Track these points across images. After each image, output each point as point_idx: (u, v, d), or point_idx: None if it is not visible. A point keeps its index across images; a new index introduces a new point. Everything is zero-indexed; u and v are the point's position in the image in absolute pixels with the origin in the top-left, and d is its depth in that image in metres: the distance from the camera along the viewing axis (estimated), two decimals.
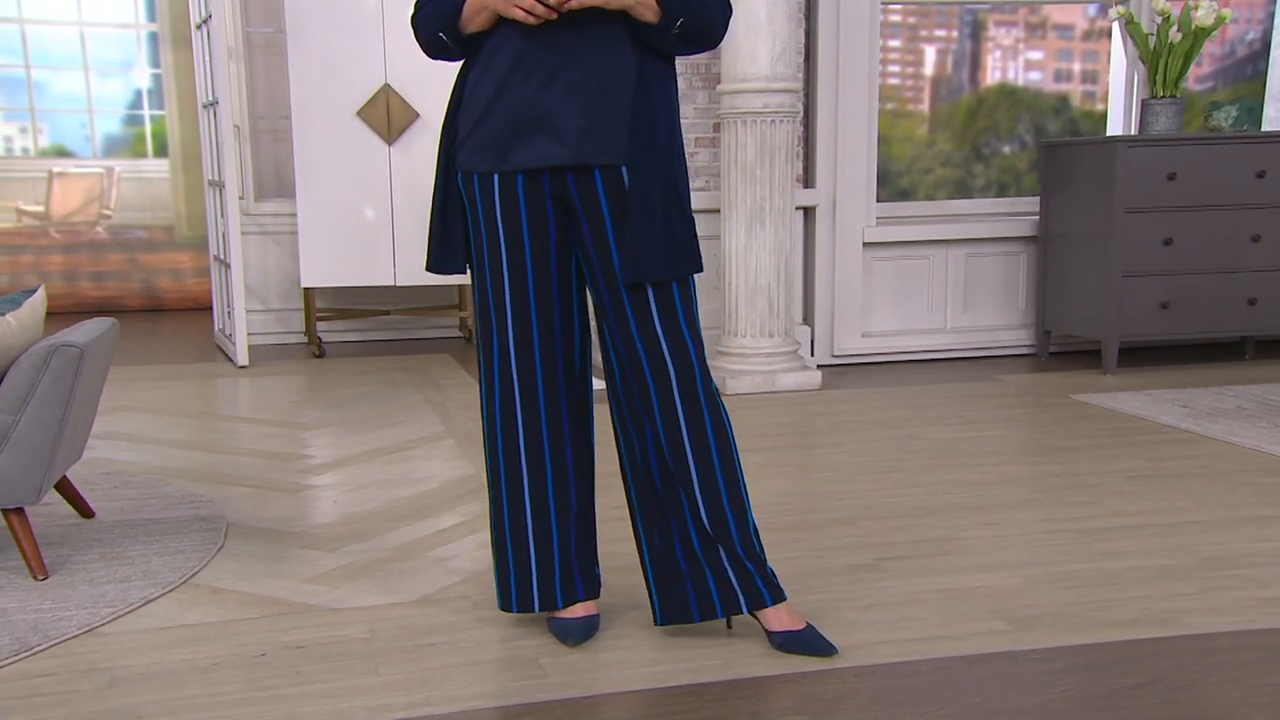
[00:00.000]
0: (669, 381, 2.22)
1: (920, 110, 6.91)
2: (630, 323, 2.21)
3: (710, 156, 5.33)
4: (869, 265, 5.65)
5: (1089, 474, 3.58)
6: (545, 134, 2.15)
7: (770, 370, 4.96)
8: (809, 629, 2.31)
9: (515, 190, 2.21)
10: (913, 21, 6.80)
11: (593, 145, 2.14)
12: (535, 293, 2.25)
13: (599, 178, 2.17)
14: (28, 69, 8.28)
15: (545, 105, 2.14)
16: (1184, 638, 2.34)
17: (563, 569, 2.38)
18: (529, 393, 2.29)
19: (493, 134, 2.19)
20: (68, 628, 2.42)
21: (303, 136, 5.75)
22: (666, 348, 2.20)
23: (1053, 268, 5.62)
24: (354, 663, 2.27)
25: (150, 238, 8.39)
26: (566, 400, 2.33)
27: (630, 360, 2.24)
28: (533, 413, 2.30)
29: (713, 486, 2.26)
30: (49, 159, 8.38)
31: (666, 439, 2.25)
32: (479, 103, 2.21)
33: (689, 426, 2.23)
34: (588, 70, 2.13)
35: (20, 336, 2.84)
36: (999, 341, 5.84)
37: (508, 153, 2.18)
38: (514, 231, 2.22)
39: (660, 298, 2.19)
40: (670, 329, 2.20)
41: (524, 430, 2.31)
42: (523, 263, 2.23)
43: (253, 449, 4.02)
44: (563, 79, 2.13)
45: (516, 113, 2.16)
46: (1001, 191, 6.63)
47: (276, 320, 6.56)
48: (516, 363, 2.28)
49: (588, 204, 2.18)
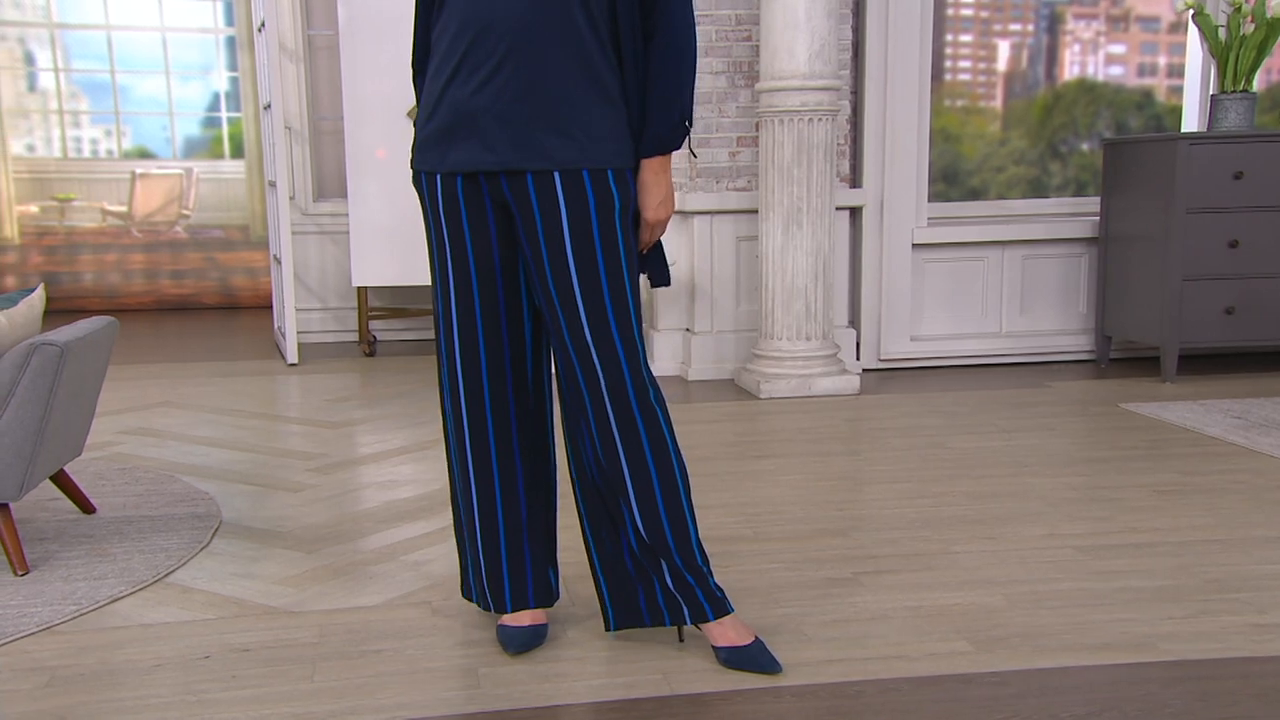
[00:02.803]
0: (600, 392, 2.16)
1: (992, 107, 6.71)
2: (564, 331, 2.15)
3: (751, 156, 5.23)
4: (919, 267, 5.50)
5: (1111, 488, 3.41)
6: (476, 137, 2.12)
7: (806, 374, 4.85)
8: (755, 644, 2.22)
9: (455, 190, 2.18)
10: (985, 16, 6.61)
11: (525, 151, 2.09)
12: (479, 295, 2.21)
13: (530, 183, 2.11)
14: (113, 74, 8.54)
15: (477, 106, 2.10)
16: (1155, 664, 2.19)
17: (512, 574, 2.33)
18: (474, 395, 2.26)
19: (439, 134, 2.17)
20: (27, 625, 2.46)
21: (355, 137, 5.81)
22: (597, 357, 2.14)
23: (1113, 270, 5.40)
24: (293, 668, 2.26)
25: (226, 237, 8.59)
26: (515, 403, 2.28)
27: (566, 369, 2.19)
28: (478, 414, 2.26)
29: (649, 498, 2.19)
30: (132, 160, 8.64)
31: (601, 449, 2.20)
32: (429, 100, 2.19)
33: (622, 438, 2.17)
34: (528, 71, 2.08)
35: (11, 335, 2.90)
36: (1057, 347, 5.63)
37: (447, 153, 2.16)
38: (455, 230, 2.20)
39: (589, 306, 2.13)
40: (600, 338, 2.14)
41: (470, 431, 2.27)
42: (466, 263, 2.20)
43: (271, 447, 4.06)
44: (498, 78, 2.08)
45: (453, 113, 2.13)
46: (1079, 190, 6.40)
47: (334, 319, 6.65)
48: (462, 364, 2.24)
49: (522, 208, 2.14)
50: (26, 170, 8.57)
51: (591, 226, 2.11)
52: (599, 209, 2.11)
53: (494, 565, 2.33)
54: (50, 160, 8.62)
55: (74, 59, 8.54)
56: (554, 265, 2.12)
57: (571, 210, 2.11)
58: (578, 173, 2.10)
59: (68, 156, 8.64)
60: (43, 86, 8.55)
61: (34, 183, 8.56)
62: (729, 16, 5.13)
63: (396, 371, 5.60)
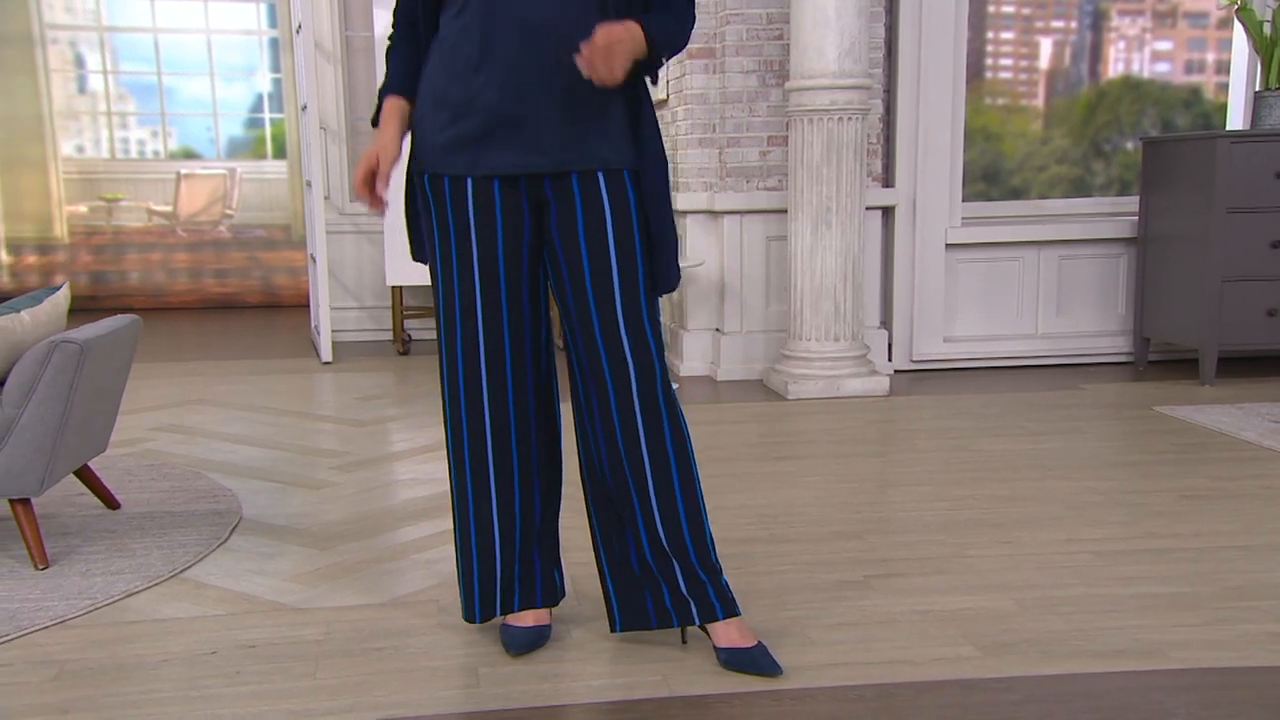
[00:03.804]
0: (630, 385, 2.16)
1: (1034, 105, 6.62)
2: (595, 325, 2.16)
3: (782, 155, 5.20)
4: (953, 267, 5.44)
5: (1137, 492, 3.35)
6: (518, 140, 2.11)
7: (835, 375, 4.82)
8: (757, 647, 2.21)
9: (491, 194, 2.15)
10: (1027, 13, 6.53)
11: (572, 152, 2.10)
12: (507, 297, 2.20)
13: (576, 182, 2.12)
14: (159, 76, 8.68)
15: (521, 110, 2.10)
16: (1163, 672, 2.15)
17: (522, 573, 2.34)
18: (498, 395, 2.23)
19: (467, 137, 2.14)
20: (41, 619, 2.50)
21: None
22: (630, 351, 2.15)
23: (1151, 271, 5.31)
24: (295, 664, 2.28)
25: (268, 236, 8.70)
26: (535, 401, 2.28)
27: (592, 365, 2.18)
28: (501, 415, 2.25)
29: (669, 495, 2.19)
30: (177, 161, 8.77)
31: (624, 445, 2.19)
32: (442, 103, 2.18)
33: (647, 434, 2.17)
34: (562, 74, 2.08)
35: (33, 332, 2.95)
36: (1095, 349, 5.55)
37: (480, 156, 2.14)
38: (487, 234, 2.17)
39: (626, 301, 2.14)
40: (634, 331, 2.15)
41: (492, 435, 2.26)
42: (494, 265, 2.18)
43: (298, 444, 4.10)
44: (538, 82, 2.07)
45: (490, 117, 2.11)
46: (1124, 190, 6.30)
47: (369, 317, 6.70)
48: (486, 365, 2.21)
49: (566, 208, 2.14)
50: (76, 171, 8.72)
51: (633, 224, 2.14)
52: (638, 206, 2.15)
53: (507, 566, 2.33)
54: (99, 161, 8.77)
55: (122, 61, 8.68)
56: (594, 259, 2.13)
57: (615, 207, 2.13)
58: (619, 171, 2.13)
59: (115, 157, 8.80)
60: (92, 89, 8.71)
61: (83, 183, 8.72)
62: (760, 15, 5.11)
63: (429, 370, 5.63)
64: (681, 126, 5.31)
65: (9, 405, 2.78)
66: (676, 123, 5.42)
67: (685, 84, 5.20)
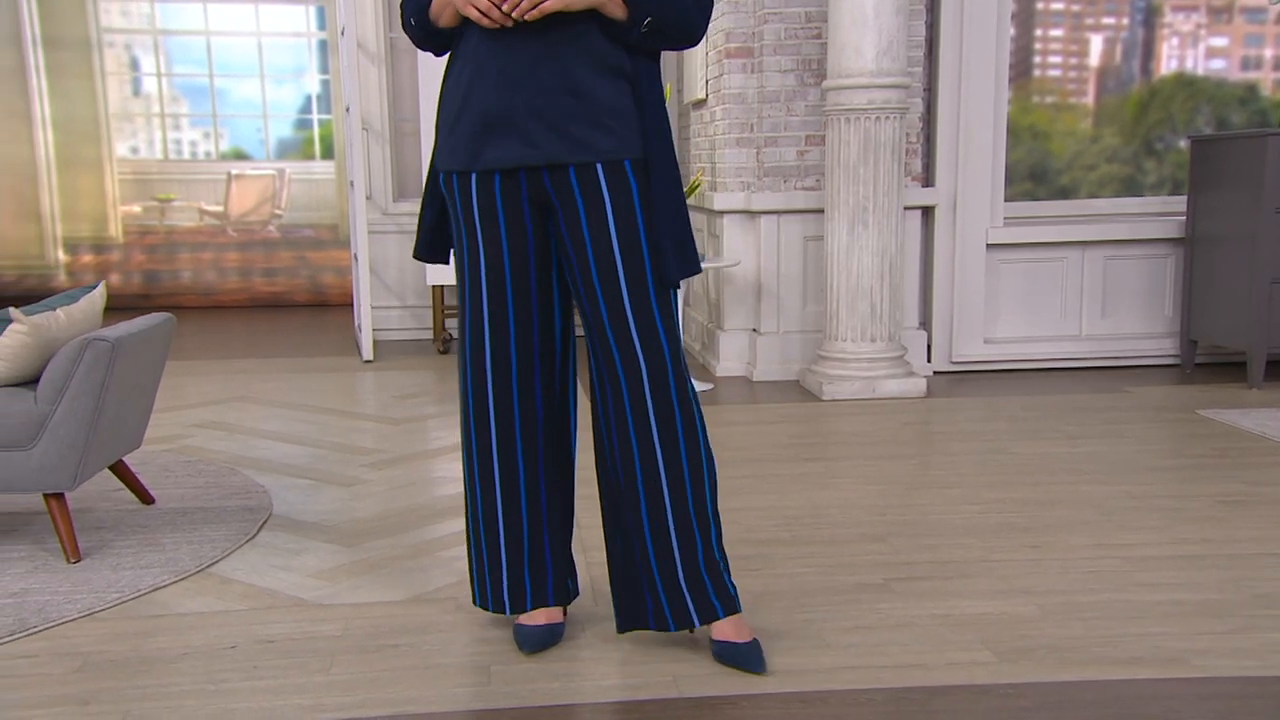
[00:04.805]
0: (642, 387, 2.16)
1: (1084, 103, 6.53)
2: (605, 321, 2.16)
3: (819, 155, 5.17)
4: (994, 268, 5.38)
5: (1172, 497, 3.29)
6: (514, 135, 2.13)
7: (871, 376, 4.78)
8: (750, 644, 2.22)
9: (491, 189, 2.19)
10: (1076, 10, 6.44)
11: (567, 144, 2.11)
12: (513, 294, 2.22)
13: (574, 176, 2.13)
14: (211, 78, 8.81)
15: (512, 105, 2.12)
16: (1181, 680, 2.11)
17: (533, 572, 2.35)
18: (504, 392, 2.26)
19: (463, 133, 2.18)
20: (70, 611, 2.55)
21: (430, 138, 5.89)
22: (641, 351, 2.15)
23: (1199, 272, 5.22)
24: (311, 660, 2.30)
25: (316, 236, 8.80)
26: (543, 401, 2.29)
27: (605, 361, 2.19)
28: (507, 415, 2.27)
29: (680, 489, 2.19)
30: (228, 162, 8.89)
31: (637, 446, 2.20)
32: (451, 102, 2.21)
33: (660, 430, 2.17)
34: (556, 68, 2.09)
35: (68, 330, 3.01)
36: (1140, 351, 5.46)
37: (479, 151, 2.17)
38: (491, 230, 2.21)
39: (634, 295, 2.14)
40: (644, 326, 2.15)
41: (497, 431, 2.28)
42: (500, 262, 2.21)
43: (334, 442, 4.15)
44: (531, 77, 2.10)
45: (482, 112, 2.14)
46: (1176, 189, 6.19)
47: (411, 316, 6.76)
48: (492, 364, 2.25)
49: (567, 203, 2.15)
50: (130, 172, 8.88)
51: (636, 216, 2.13)
52: (642, 196, 2.13)
53: (515, 564, 2.34)
54: (152, 162, 8.92)
55: (175, 64, 8.82)
56: (599, 255, 2.13)
57: (616, 200, 2.13)
58: (619, 163, 2.12)
59: (168, 158, 8.94)
60: (146, 91, 8.86)
61: (137, 184, 8.87)
62: (798, 14, 5.08)
63: None
64: (719, 126, 5.30)
65: (43, 401, 2.84)
66: (714, 122, 5.41)
67: (723, 83, 5.19)
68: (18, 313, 2.89)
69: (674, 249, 2.16)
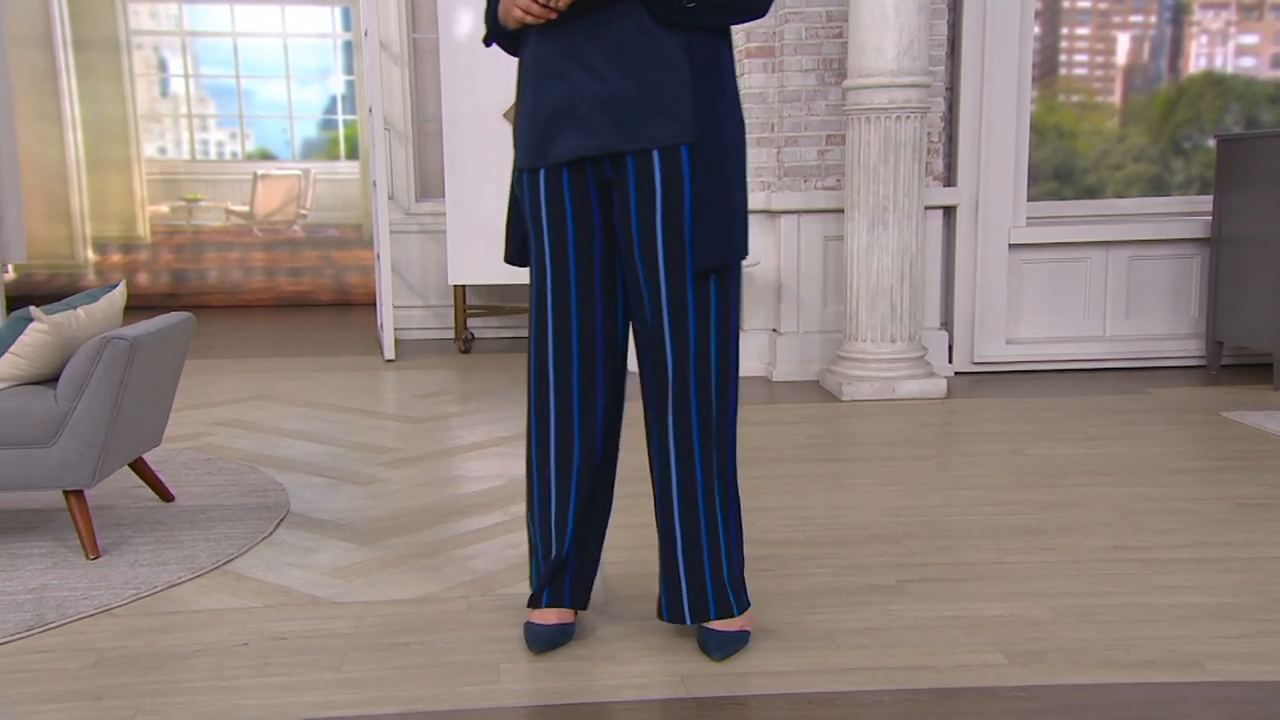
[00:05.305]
0: (666, 381, 2.17)
1: (1110, 102, 6.48)
2: (647, 314, 2.16)
3: (840, 155, 5.16)
4: (1016, 268, 5.35)
5: (1192, 499, 3.26)
6: (574, 126, 2.13)
7: (891, 377, 4.76)
8: (720, 633, 2.27)
9: (559, 183, 2.18)
10: (1103, 8, 6.38)
11: (624, 132, 2.10)
12: (576, 288, 2.21)
13: (631, 163, 2.12)
14: (238, 79, 8.87)
15: (572, 97, 2.11)
16: (1194, 685, 2.09)
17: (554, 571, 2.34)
18: (564, 387, 2.25)
19: (533, 131, 2.19)
20: (87, 607, 2.57)
21: (452, 138, 5.92)
22: (670, 343, 2.15)
23: (1226, 272, 5.17)
24: (323, 657, 2.32)
25: (341, 236, 8.85)
26: (604, 403, 2.27)
27: (651, 352, 2.19)
28: (565, 412, 2.25)
29: (709, 479, 2.21)
30: (254, 162, 8.95)
31: (657, 439, 2.22)
32: (523, 103, 2.22)
33: (700, 420, 2.18)
34: (610, 54, 2.08)
35: (88, 329, 3.04)
36: (1165, 352, 5.41)
37: (547, 147, 2.17)
38: (557, 223, 2.20)
39: (673, 289, 2.13)
40: (677, 322, 2.14)
41: (555, 429, 2.27)
42: (565, 257, 2.21)
43: (352, 440, 4.17)
44: (587, 66, 2.09)
45: (547, 108, 2.14)
46: (1204, 189, 6.13)
47: (434, 316, 6.78)
48: (555, 358, 2.24)
49: (622, 189, 2.15)
50: (158, 172, 8.95)
51: (684, 202, 2.11)
52: (693, 181, 2.11)
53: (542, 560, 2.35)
54: (180, 162, 9.00)
55: (202, 65, 8.89)
56: (644, 244, 2.13)
57: (666, 187, 2.11)
58: (676, 148, 2.10)
59: (195, 158, 9.01)
60: (174, 92, 8.93)
61: (164, 184, 8.95)
62: (819, 13, 5.07)
63: (488, 369, 5.68)
64: None
65: (63, 399, 2.86)
66: None
67: (744, 83, 5.18)
68: (38, 311, 2.92)
69: (709, 232, 2.11)
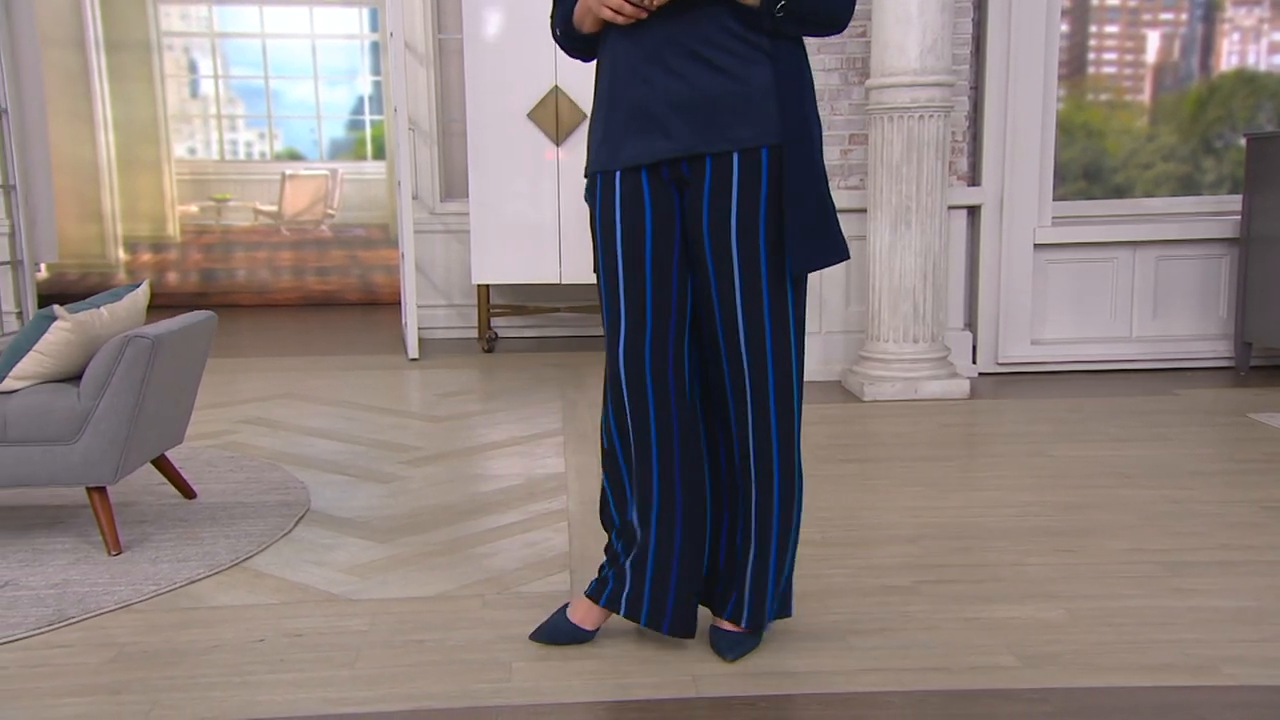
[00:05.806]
0: (766, 380, 2.15)
1: (1139, 101, 6.42)
2: (717, 318, 2.15)
3: (863, 154, 5.14)
4: (1041, 268, 5.31)
5: (1215, 502, 3.23)
6: (653, 128, 2.11)
7: (913, 377, 4.74)
8: (730, 633, 2.28)
9: (639, 186, 2.16)
10: (1133, 5, 6.33)
11: (705, 134, 2.08)
12: (653, 289, 2.18)
13: (709, 165, 2.10)
14: (266, 80, 8.94)
15: (651, 99, 2.10)
16: (1209, 689, 2.07)
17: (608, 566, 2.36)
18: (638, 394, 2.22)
19: (609, 132, 2.18)
20: (108, 602, 2.60)
21: (476, 138, 5.93)
22: (745, 348, 2.14)
23: (1255, 272, 5.11)
24: (337, 654, 2.33)
25: (367, 235, 8.89)
26: (676, 410, 2.22)
27: (729, 358, 2.17)
28: (642, 417, 2.22)
29: (768, 486, 2.21)
30: (282, 162, 9.02)
31: (755, 438, 2.18)
32: (599, 105, 2.21)
33: (779, 427, 2.17)
34: (692, 56, 2.06)
35: (111, 328, 3.07)
36: (1193, 353, 5.36)
37: (622, 149, 2.15)
38: (634, 227, 2.17)
39: (747, 293, 2.12)
40: (752, 328, 2.13)
41: (633, 432, 2.24)
42: (641, 259, 2.17)
43: (374, 438, 4.19)
44: (668, 68, 2.08)
45: (625, 109, 2.13)
46: (1235, 188, 6.07)
47: (458, 315, 6.81)
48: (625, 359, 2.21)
49: (696, 189, 2.13)
50: (188, 172, 9.03)
51: (759, 205, 2.09)
52: (771, 184, 2.09)
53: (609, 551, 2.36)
54: (209, 162, 9.07)
55: (232, 66, 8.96)
56: (716, 249, 2.11)
57: (743, 188, 2.09)
58: (756, 150, 2.09)
59: (225, 159, 9.09)
60: (204, 93, 9.01)
61: (194, 184, 9.02)
62: None
63: (511, 368, 5.70)
64: None
65: (86, 397, 2.90)
66: None
67: None
68: (62, 310, 2.95)
69: (802, 238, 2.09)
